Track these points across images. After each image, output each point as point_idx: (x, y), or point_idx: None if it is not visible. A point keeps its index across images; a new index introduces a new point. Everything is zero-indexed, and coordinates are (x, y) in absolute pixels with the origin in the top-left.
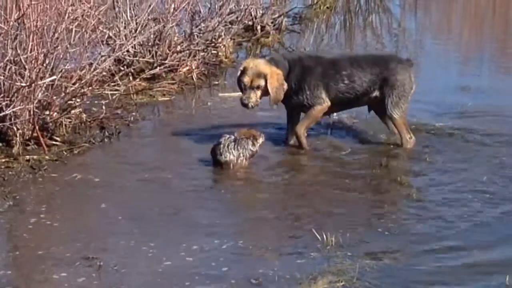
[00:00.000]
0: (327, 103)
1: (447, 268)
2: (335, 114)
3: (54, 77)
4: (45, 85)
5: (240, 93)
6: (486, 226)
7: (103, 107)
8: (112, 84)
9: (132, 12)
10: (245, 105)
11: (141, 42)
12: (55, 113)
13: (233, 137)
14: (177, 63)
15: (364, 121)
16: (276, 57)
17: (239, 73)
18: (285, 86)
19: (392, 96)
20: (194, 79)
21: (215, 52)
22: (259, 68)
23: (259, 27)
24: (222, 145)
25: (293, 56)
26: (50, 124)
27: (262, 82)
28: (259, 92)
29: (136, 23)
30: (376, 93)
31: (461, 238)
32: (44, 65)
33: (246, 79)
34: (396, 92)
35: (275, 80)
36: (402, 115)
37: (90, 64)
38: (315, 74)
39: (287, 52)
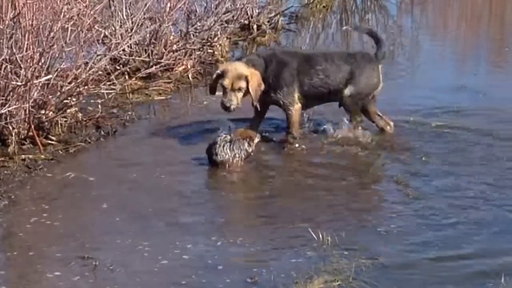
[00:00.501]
0: (298, 104)
1: (443, 267)
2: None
3: (50, 76)
4: (40, 84)
5: None
6: (484, 225)
7: (99, 106)
8: (108, 83)
9: (128, 11)
10: (226, 108)
11: (137, 41)
12: (51, 112)
13: (229, 137)
14: (173, 62)
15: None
16: (252, 57)
17: (215, 76)
18: (263, 86)
19: (352, 89)
20: (190, 78)
21: (211, 51)
22: (239, 71)
23: (255, 26)
24: (218, 145)
25: (268, 52)
26: (46, 123)
27: (243, 84)
28: (240, 94)
29: (132, 22)
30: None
31: (458, 238)
32: (40, 64)
33: (227, 82)
34: (357, 88)
35: (255, 81)
36: (355, 108)
37: (86, 63)
38: (290, 69)
39: (262, 49)
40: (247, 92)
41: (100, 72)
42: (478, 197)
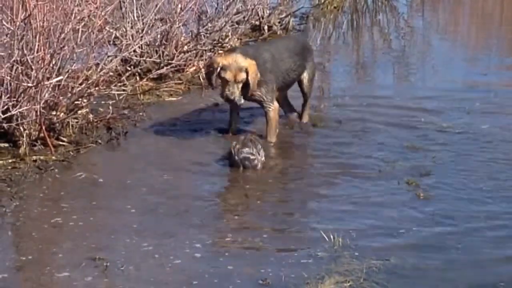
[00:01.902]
0: (276, 104)
1: (455, 267)
2: None
3: (61, 77)
4: (51, 86)
5: None
6: (496, 224)
7: (110, 108)
8: (119, 84)
9: (139, 12)
10: (231, 100)
11: (148, 42)
12: (62, 114)
13: (248, 137)
14: (184, 63)
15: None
16: (244, 49)
17: (217, 69)
18: (259, 75)
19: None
20: (201, 79)
21: (222, 52)
22: (240, 63)
23: (266, 27)
24: (242, 146)
25: (252, 48)
26: (57, 124)
27: (244, 76)
28: (240, 86)
29: (143, 23)
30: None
31: (469, 237)
32: (51, 65)
33: (230, 75)
34: (313, 74)
35: (254, 72)
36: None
37: (97, 64)
38: (271, 65)
39: (244, 46)
40: (245, 83)
41: (111, 73)
42: (490, 197)
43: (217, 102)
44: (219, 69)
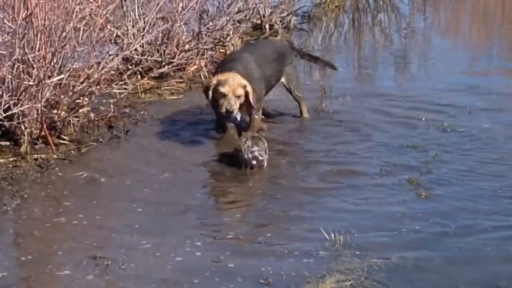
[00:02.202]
0: (260, 113)
1: (456, 266)
2: None
3: (62, 76)
4: (53, 84)
5: None
6: (497, 223)
7: (111, 106)
8: (120, 83)
9: (140, 11)
10: (230, 112)
11: (149, 41)
12: (63, 112)
13: (256, 135)
14: (185, 62)
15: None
16: (236, 68)
17: (214, 86)
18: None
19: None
20: (202, 78)
21: (223, 50)
22: (239, 80)
23: (267, 26)
24: (252, 145)
25: (241, 64)
26: (58, 123)
27: (242, 92)
28: (238, 102)
29: (144, 22)
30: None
31: (470, 236)
32: (52, 64)
33: (227, 88)
34: (292, 77)
35: (252, 91)
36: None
37: (98, 63)
38: (258, 75)
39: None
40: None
41: (112, 72)
42: (491, 196)
43: None
44: (215, 85)
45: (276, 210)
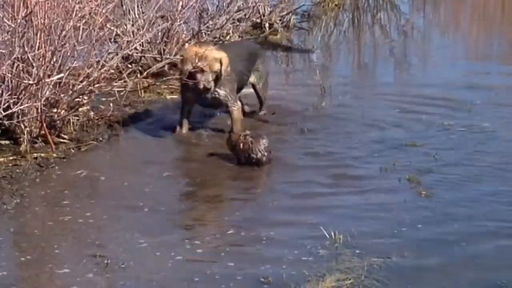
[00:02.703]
0: (238, 103)
1: (456, 265)
2: None
3: (62, 74)
4: (52, 83)
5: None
6: (498, 222)
7: (111, 105)
8: (120, 81)
9: (140, 9)
10: (208, 89)
11: (149, 40)
12: (63, 111)
13: (261, 134)
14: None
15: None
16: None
17: (192, 59)
18: (229, 69)
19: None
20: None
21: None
22: (215, 54)
23: (267, 25)
24: (258, 144)
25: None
26: (58, 121)
27: (218, 66)
28: (213, 76)
29: (144, 21)
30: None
31: (471, 235)
32: (52, 62)
33: (205, 64)
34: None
35: (226, 63)
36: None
37: (98, 62)
38: (232, 66)
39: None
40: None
41: (112, 71)
42: (492, 195)
43: None
44: (193, 58)
45: (276, 209)
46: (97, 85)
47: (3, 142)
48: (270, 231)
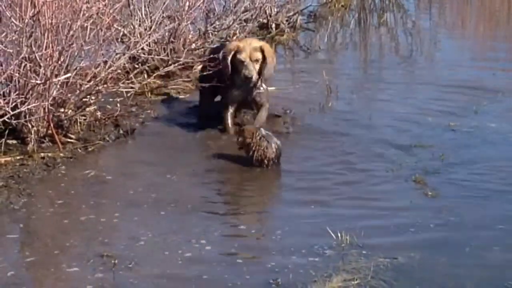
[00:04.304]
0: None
1: (462, 266)
2: None
3: (69, 74)
4: (60, 83)
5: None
6: (504, 223)
7: (118, 105)
8: (127, 81)
9: (147, 10)
10: (249, 78)
11: (156, 40)
12: (70, 111)
13: (265, 133)
14: (192, 60)
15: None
16: None
17: (232, 52)
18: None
19: None
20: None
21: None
22: (254, 43)
23: (273, 25)
24: (271, 147)
25: None
26: (65, 121)
27: (260, 55)
28: (257, 66)
29: (151, 21)
30: None
31: (477, 236)
32: (59, 62)
33: (244, 55)
34: None
35: (270, 50)
36: None
37: (105, 62)
38: None
39: None
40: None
41: (119, 71)
42: (498, 196)
43: None
44: (233, 51)
45: (282, 209)
46: (104, 85)
47: (10, 141)
48: (277, 230)
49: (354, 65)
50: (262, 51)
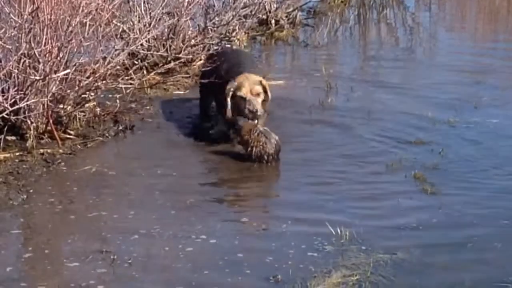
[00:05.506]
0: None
1: (462, 262)
2: None
3: (68, 70)
4: (59, 79)
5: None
6: (504, 220)
7: (117, 101)
8: (126, 78)
9: (146, 6)
10: (254, 113)
11: (155, 36)
12: (69, 107)
13: (263, 129)
14: (191, 57)
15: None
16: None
17: (231, 91)
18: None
19: None
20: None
21: (229, 46)
22: (252, 78)
23: (273, 21)
24: (270, 143)
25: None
26: (64, 117)
27: (260, 89)
28: (259, 100)
29: (150, 17)
30: None
31: (477, 232)
32: (58, 58)
33: (244, 90)
34: None
35: (267, 84)
36: None
37: (104, 58)
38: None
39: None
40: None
41: (118, 67)
42: (498, 192)
43: None
44: (232, 90)
45: (282, 204)
46: (103, 81)
47: (9, 137)
48: (277, 226)
49: (354, 61)
50: (263, 85)
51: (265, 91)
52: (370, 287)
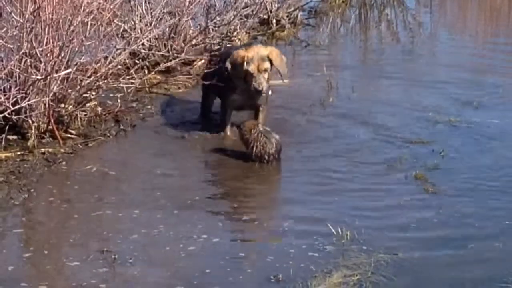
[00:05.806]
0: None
1: (462, 262)
2: None
3: (70, 70)
4: (60, 78)
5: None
6: (505, 220)
7: (118, 101)
8: (127, 77)
9: (148, 5)
10: (259, 91)
11: (157, 36)
12: (70, 106)
13: (263, 129)
14: (192, 56)
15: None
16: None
17: (239, 64)
18: (285, 59)
19: None
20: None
21: (230, 45)
22: (261, 53)
23: (274, 21)
24: (271, 143)
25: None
26: (65, 117)
27: (268, 65)
28: (266, 75)
29: (152, 17)
30: None
31: (478, 233)
32: (60, 58)
33: (253, 66)
34: None
35: (277, 56)
36: None
37: (106, 57)
38: None
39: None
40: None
41: (119, 66)
42: (498, 192)
43: None
44: (240, 63)
45: (283, 204)
46: (104, 81)
47: (10, 137)
48: (277, 226)
49: (355, 61)
50: (270, 60)
51: (271, 64)
52: (371, 287)
